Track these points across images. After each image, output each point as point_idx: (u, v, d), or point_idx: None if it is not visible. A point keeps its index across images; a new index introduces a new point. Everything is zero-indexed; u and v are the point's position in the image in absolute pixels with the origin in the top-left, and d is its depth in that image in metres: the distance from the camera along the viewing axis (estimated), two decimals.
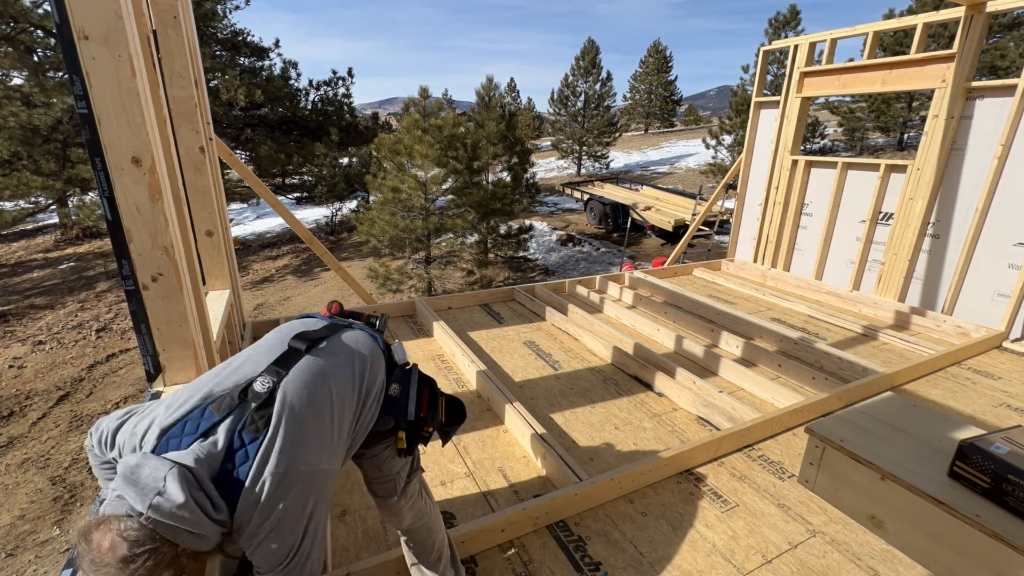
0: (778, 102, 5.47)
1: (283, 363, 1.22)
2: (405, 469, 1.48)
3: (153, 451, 1.05)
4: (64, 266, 13.89)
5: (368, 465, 1.45)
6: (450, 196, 11.32)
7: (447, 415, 1.52)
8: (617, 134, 28.41)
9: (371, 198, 11.57)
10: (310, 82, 16.17)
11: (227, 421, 1.10)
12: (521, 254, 13.79)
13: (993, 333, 3.83)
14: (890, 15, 17.12)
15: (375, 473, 1.46)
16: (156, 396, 1.88)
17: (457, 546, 1.85)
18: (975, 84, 3.94)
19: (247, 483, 1.06)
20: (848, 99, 20.85)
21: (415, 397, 1.41)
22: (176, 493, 0.96)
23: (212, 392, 1.14)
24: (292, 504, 1.08)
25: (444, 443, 1.59)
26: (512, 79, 37.35)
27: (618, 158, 30.56)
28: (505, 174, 13.20)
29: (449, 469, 2.42)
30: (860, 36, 4.75)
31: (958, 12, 3.94)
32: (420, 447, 1.52)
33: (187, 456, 1.04)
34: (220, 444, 1.07)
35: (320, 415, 1.18)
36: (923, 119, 18.84)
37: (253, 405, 1.12)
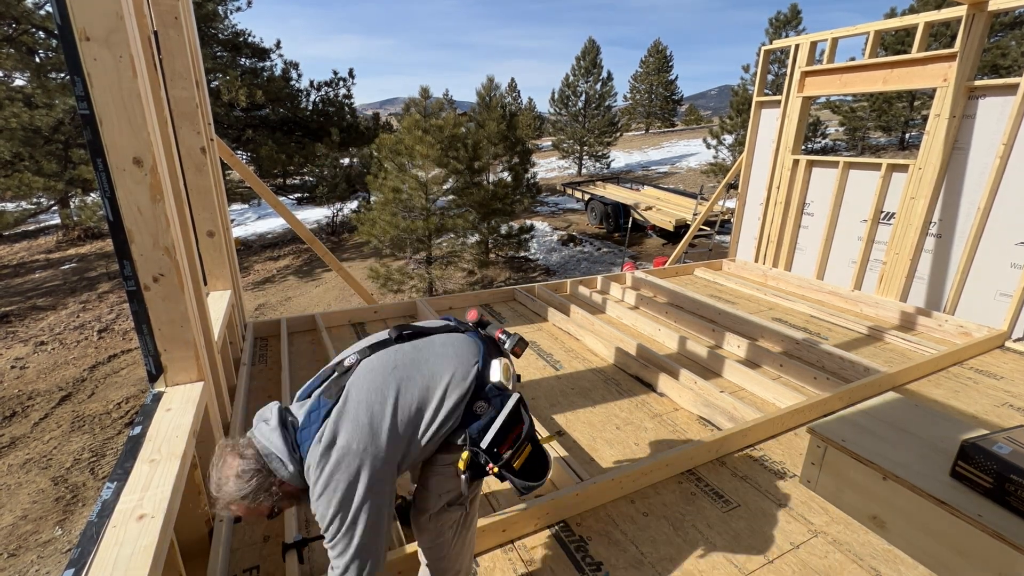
0: (779, 102, 5.46)
1: (374, 347, 1.39)
2: (450, 494, 1.41)
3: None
4: (66, 267, 13.92)
5: (419, 475, 1.46)
6: (451, 196, 11.32)
7: (526, 465, 1.37)
8: (618, 134, 28.38)
9: (372, 198, 11.57)
10: (311, 83, 16.19)
11: (321, 386, 1.33)
12: (522, 254, 13.79)
13: (995, 333, 3.83)
14: (891, 14, 17.09)
15: (421, 480, 1.45)
16: (158, 397, 1.88)
17: None
18: (977, 83, 3.93)
19: (313, 440, 1.23)
20: (849, 98, 20.82)
21: (498, 428, 1.32)
22: (273, 419, 1.27)
23: (325, 368, 1.41)
24: (339, 476, 1.20)
25: (520, 494, 1.39)
26: (512, 79, 37.37)
27: (619, 158, 30.54)
28: (506, 174, 13.19)
29: None
30: (861, 35, 4.74)
31: (959, 11, 3.93)
32: (478, 487, 1.49)
33: (294, 405, 1.35)
34: (309, 402, 1.30)
35: (370, 404, 1.27)
36: (925, 118, 18.81)
37: (335, 374, 1.33)
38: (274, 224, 18.86)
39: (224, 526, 1.91)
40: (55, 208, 15.65)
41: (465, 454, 1.32)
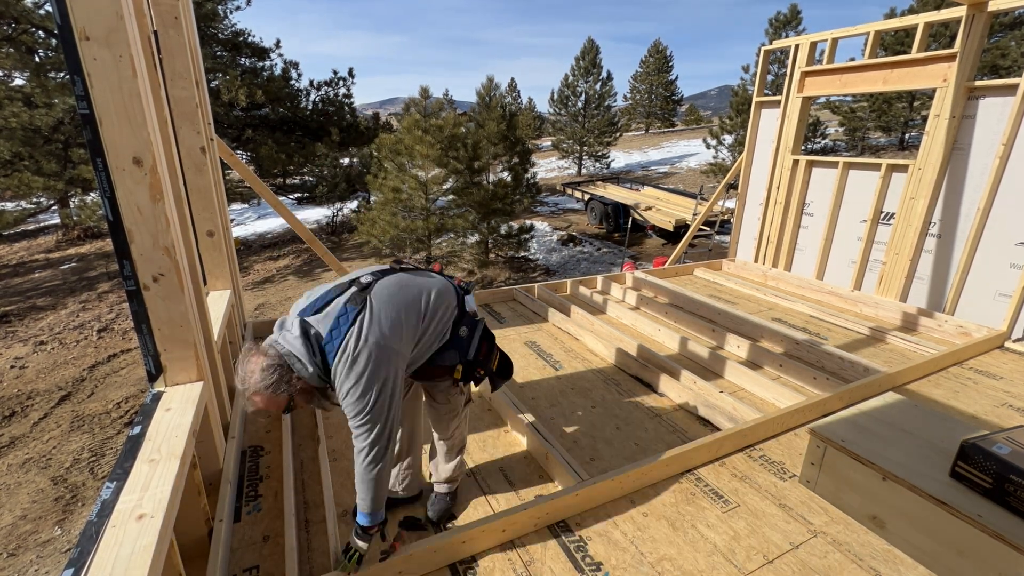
0: (779, 102, 5.46)
1: (381, 273, 1.76)
2: (458, 398, 1.99)
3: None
4: (66, 266, 13.92)
5: (435, 391, 1.96)
6: (451, 196, 11.32)
7: (499, 367, 1.99)
8: (618, 134, 28.39)
9: (372, 198, 11.58)
10: (311, 82, 16.18)
11: (341, 296, 1.63)
12: (522, 254, 13.78)
13: (995, 333, 3.83)
14: (891, 14, 17.09)
15: (440, 398, 1.97)
16: (157, 397, 1.88)
17: (458, 546, 1.86)
18: (976, 83, 3.93)
19: (343, 341, 1.53)
20: (849, 99, 20.82)
21: (476, 343, 1.85)
22: (295, 330, 1.56)
23: (334, 286, 1.70)
24: (371, 369, 1.53)
25: (493, 390, 2.01)
26: (512, 79, 37.36)
27: (619, 158, 30.54)
28: (506, 174, 13.19)
29: None
30: (861, 36, 4.74)
31: (959, 11, 3.94)
32: (472, 386, 2.00)
33: (310, 317, 1.60)
34: (333, 309, 1.59)
35: (397, 309, 1.65)
36: (924, 119, 18.80)
37: (355, 288, 1.65)
38: (274, 224, 18.86)
39: (224, 526, 1.91)
40: (55, 208, 15.65)
41: (459, 367, 1.83)
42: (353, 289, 1.65)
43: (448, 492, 2.15)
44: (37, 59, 12.53)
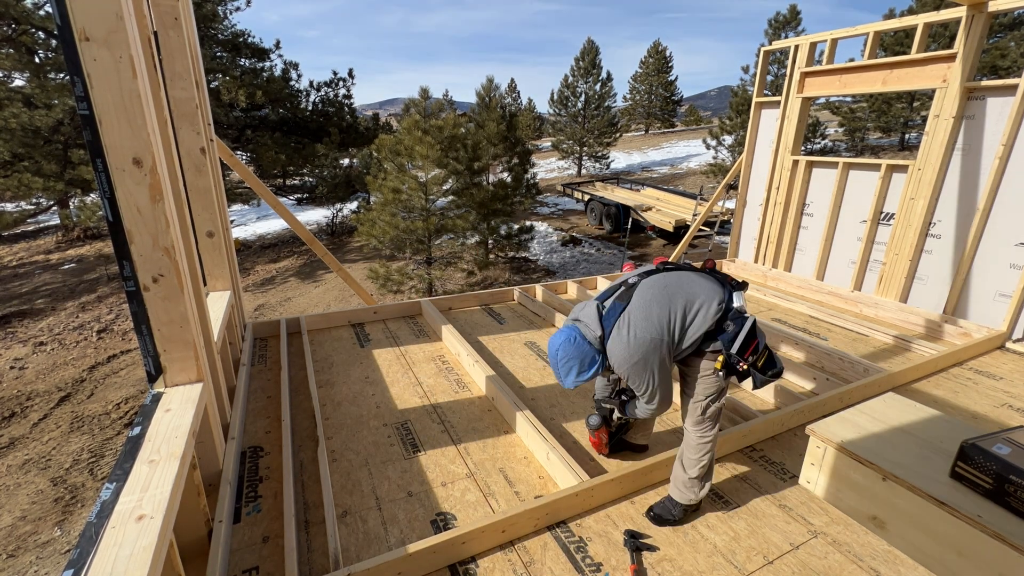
0: (779, 102, 5.46)
1: (645, 274, 2.07)
2: (713, 388, 1.98)
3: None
4: (65, 267, 13.93)
5: (690, 374, 2.04)
6: (451, 197, 11.32)
7: (764, 364, 1.95)
8: (617, 134, 28.40)
9: (372, 199, 11.59)
10: (311, 83, 16.20)
11: (614, 294, 2.03)
12: (522, 255, 13.79)
13: (995, 333, 3.83)
14: (891, 15, 17.11)
15: (692, 383, 2.03)
16: (157, 397, 1.88)
17: (458, 547, 1.86)
18: (976, 84, 3.94)
19: (614, 327, 1.93)
20: (849, 99, 20.85)
21: (742, 339, 1.89)
22: (591, 304, 2.05)
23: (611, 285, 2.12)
24: (640, 355, 1.88)
25: (755, 387, 1.94)
26: (512, 79, 37.41)
27: (619, 158, 30.56)
28: (506, 175, 13.20)
29: (450, 470, 2.42)
30: (861, 36, 4.74)
31: (959, 12, 3.94)
32: (733, 379, 2.00)
33: (595, 304, 2.05)
34: (608, 303, 2.01)
35: (655, 304, 1.92)
36: (924, 119, 18.81)
37: (623, 288, 2.03)
38: (274, 225, 18.87)
39: (224, 527, 1.90)
40: (54, 208, 15.67)
41: (721, 357, 1.90)
42: (622, 288, 2.03)
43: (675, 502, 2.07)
44: (37, 60, 12.56)
